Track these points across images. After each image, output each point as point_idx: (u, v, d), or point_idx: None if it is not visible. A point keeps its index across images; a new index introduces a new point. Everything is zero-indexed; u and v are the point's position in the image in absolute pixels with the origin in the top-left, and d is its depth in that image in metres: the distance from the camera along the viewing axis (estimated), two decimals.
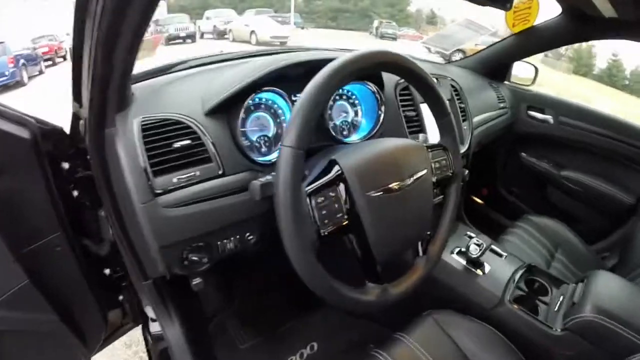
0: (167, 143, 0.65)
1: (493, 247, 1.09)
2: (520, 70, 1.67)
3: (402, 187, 0.66)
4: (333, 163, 0.63)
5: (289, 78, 0.78)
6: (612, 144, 1.48)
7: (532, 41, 1.46)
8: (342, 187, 0.62)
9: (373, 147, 0.70)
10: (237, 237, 0.74)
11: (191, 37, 10.50)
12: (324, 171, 0.63)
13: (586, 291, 0.91)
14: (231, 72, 0.80)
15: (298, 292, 1.06)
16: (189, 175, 0.66)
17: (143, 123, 0.64)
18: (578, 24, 1.30)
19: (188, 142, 0.66)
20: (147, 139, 0.64)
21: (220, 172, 0.69)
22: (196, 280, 0.77)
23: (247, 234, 0.76)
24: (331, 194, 0.61)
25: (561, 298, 0.96)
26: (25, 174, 0.66)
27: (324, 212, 0.59)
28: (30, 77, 7.00)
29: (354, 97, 0.94)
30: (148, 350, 1.07)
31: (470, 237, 1.04)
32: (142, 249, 0.70)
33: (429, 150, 0.75)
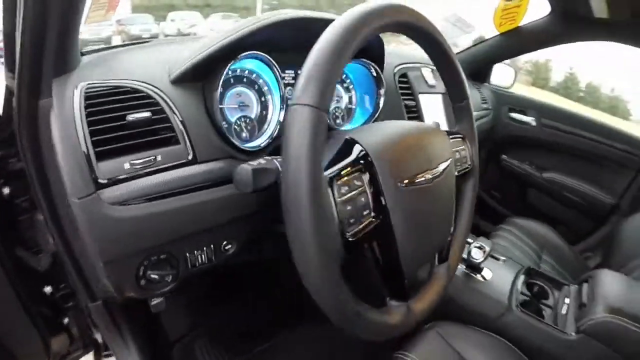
0: (119, 116, 0.50)
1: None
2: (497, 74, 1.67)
3: (434, 179, 0.53)
4: (351, 143, 0.47)
5: (278, 46, 0.65)
6: (593, 145, 1.50)
7: (517, 42, 1.44)
8: (367, 174, 0.46)
9: (394, 127, 0.56)
10: (212, 246, 0.58)
11: (154, 39, 9.91)
12: (341, 152, 0.47)
13: (594, 291, 0.86)
14: (207, 38, 0.65)
15: (282, 306, 0.92)
16: (146, 159, 0.50)
17: (88, 91, 0.49)
18: (567, 25, 1.29)
19: (147, 114, 0.51)
20: (92, 110, 0.49)
21: (190, 158, 0.54)
22: (156, 301, 0.63)
23: (225, 242, 0.61)
24: (356, 182, 0.44)
25: (567, 300, 0.91)
26: None
27: (348, 207, 0.43)
28: None
29: (348, 80, 0.83)
30: None
31: (468, 242, 0.96)
32: (87, 262, 0.55)
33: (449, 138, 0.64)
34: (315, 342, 1.14)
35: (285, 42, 0.66)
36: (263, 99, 0.69)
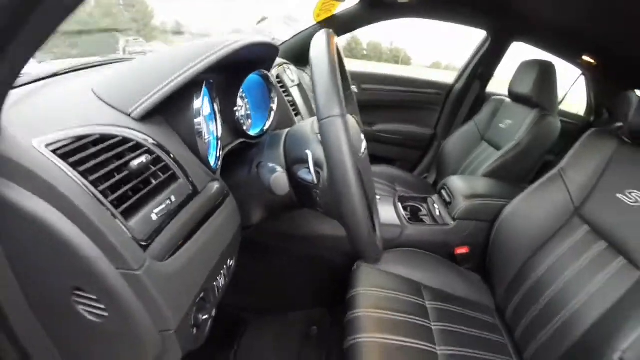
0: (116, 167, 0.42)
1: None
2: None
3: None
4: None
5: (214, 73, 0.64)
6: (408, 95, 1.96)
7: (332, 28, 1.68)
8: None
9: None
10: (224, 267, 0.60)
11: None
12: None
13: (452, 191, 1.17)
14: (139, 64, 0.58)
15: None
16: (165, 205, 0.46)
17: (50, 146, 0.38)
18: (373, 10, 1.61)
19: (146, 157, 0.46)
20: (80, 168, 0.39)
21: (191, 190, 0.52)
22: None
23: (228, 259, 0.62)
24: None
25: (435, 206, 1.19)
26: None
27: None
28: None
29: (240, 89, 0.83)
30: None
31: None
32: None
33: None
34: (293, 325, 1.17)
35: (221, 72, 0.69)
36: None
